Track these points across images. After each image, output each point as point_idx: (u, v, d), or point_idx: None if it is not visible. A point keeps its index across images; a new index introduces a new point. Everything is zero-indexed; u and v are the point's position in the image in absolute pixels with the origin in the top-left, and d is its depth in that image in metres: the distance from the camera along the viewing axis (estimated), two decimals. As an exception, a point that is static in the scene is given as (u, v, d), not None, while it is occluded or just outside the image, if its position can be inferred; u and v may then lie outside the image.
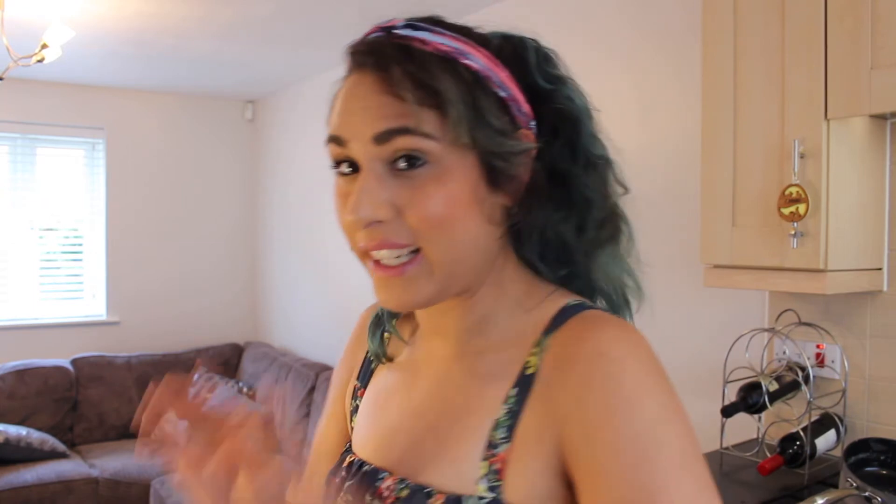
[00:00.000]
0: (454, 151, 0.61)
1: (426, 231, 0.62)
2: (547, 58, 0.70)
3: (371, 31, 0.66)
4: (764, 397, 1.73)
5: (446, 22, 0.67)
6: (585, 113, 0.70)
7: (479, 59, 0.64)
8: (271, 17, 3.21)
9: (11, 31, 3.07)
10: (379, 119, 0.61)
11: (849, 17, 1.45)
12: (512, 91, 0.65)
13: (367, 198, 0.61)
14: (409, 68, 0.61)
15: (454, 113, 0.60)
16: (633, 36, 2.43)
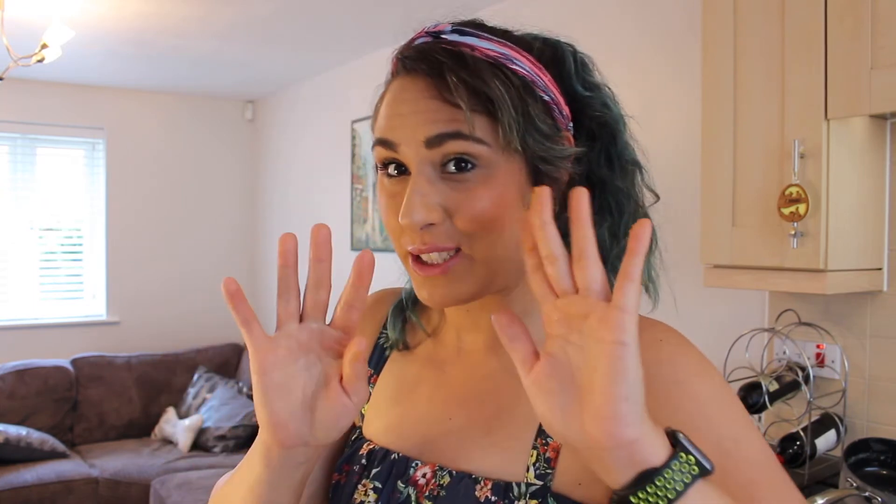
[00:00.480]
0: (503, 155, 0.63)
1: (474, 232, 0.63)
2: (584, 64, 0.71)
3: (418, 35, 0.67)
4: (764, 397, 1.73)
5: (489, 26, 0.68)
6: (621, 120, 0.71)
7: (525, 63, 0.65)
8: (271, 17, 3.21)
9: (11, 31, 3.07)
10: (431, 123, 0.62)
11: (849, 17, 1.45)
12: (555, 95, 0.66)
13: (420, 201, 0.62)
14: (461, 74, 0.62)
15: (506, 118, 0.61)
16: (634, 36, 2.43)
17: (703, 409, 0.61)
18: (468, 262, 0.64)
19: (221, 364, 4.70)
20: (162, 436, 4.24)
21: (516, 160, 0.63)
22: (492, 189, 0.62)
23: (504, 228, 0.63)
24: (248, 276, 5.16)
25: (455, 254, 0.64)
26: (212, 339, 4.92)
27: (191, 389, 4.45)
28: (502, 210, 0.63)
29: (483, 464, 0.65)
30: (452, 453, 0.68)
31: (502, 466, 0.64)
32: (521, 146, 0.63)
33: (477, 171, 0.62)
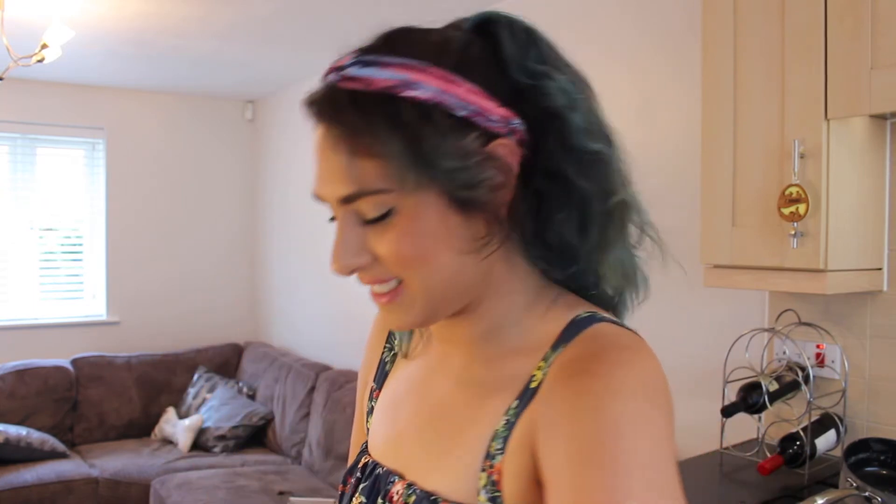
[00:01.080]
0: (413, 193, 0.61)
1: (403, 270, 0.63)
2: (526, 47, 0.66)
3: (328, 70, 0.65)
4: (764, 397, 1.73)
5: (406, 37, 0.64)
6: (572, 106, 0.65)
7: (430, 84, 0.61)
8: (271, 17, 3.21)
9: (11, 31, 3.07)
10: (336, 183, 0.62)
11: (849, 17, 1.45)
12: (476, 104, 0.62)
13: (344, 249, 0.63)
14: (347, 123, 0.60)
15: (394, 164, 0.59)
16: (634, 36, 2.43)
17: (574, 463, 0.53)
18: (411, 291, 0.64)
19: (221, 364, 4.70)
20: (162, 436, 4.24)
21: (431, 193, 0.61)
22: (408, 230, 0.62)
23: (432, 261, 0.63)
24: (248, 276, 5.16)
25: (398, 284, 0.64)
26: (212, 339, 4.92)
27: (191, 389, 4.45)
28: (424, 247, 0.62)
29: (443, 484, 0.66)
30: (421, 471, 0.69)
31: (459, 488, 0.64)
32: (423, 185, 0.60)
33: (393, 213, 0.61)
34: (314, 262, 4.38)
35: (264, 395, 4.31)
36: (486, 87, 0.63)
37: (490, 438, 0.63)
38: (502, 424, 0.63)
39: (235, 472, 3.61)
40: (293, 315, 4.71)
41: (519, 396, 0.64)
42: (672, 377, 0.63)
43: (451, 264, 0.63)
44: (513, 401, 0.64)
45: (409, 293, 0.64)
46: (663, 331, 2.29)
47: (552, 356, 0.64)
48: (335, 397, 3.72)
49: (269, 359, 4.45)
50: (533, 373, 0.64)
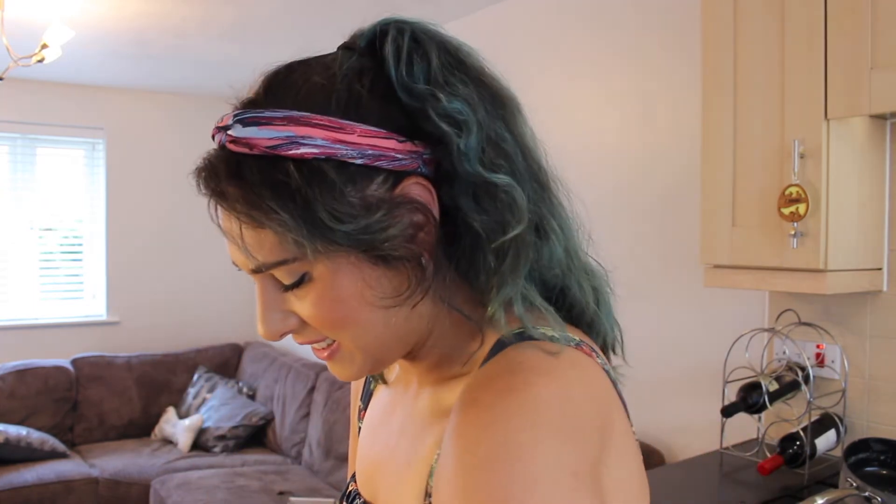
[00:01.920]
0: (321, 259, 0.56)
1: (331, 332, 0.60)
2: (410, 63, 0.58)
3: (214, 130, 0.61)
4: (764, 397, 1.73)
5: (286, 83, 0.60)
6: (460, 130, 0.57)
7: (318, 136, 0.55)
8: (271, 17, 3.21)
9: (11, 31, 3.07)
10: (239, 255, 0.58)
11: (849, 17, 1.45)
12: (373, 147, 0.56)
13: (268, 316, 0.60)
14: (232, 196, 0.55)
15: (288, 235, 0.54)
16: (634, 36, 2.43)
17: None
18: (347, 349, 0.61)
19: (221, 364, 4.70)
20: (162, 436, 4.24)
21: (341, 254, 0.56)
22: (325, 295, 0.57)
23: (357, 322, 0.58)
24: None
25: (333, 341, 0.61)
26: (212, 339, 4.92)
27: (191, 389, 4.45)
28: (345, 310, 0.57)
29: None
30: (384, 501, 0.67)
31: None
32: (326, 249, 0.55)
33: (308, 279, 0.57)
34: (314, 262, 4.37)
35: (264, 395, 4.31)
36: (383, 122, 0.57)
37: (428, 475, 0.59)
38: (435, 458, 0.59)
39: (235, 472, 3.61)
40: (293, 315, 4.70)
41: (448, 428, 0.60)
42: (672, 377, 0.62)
43: (379, 321, 0.59)
44: (443, 433, 0.58)
45: (346, 350, 0.61)
46: (663, 331, 2.29)
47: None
48: (335, 397, 3.72)
49: (269, 359, 4.45)
50: None
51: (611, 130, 2.51)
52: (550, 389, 0.51)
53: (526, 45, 2.78)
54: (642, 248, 2.29)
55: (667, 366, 2.24)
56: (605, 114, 2.53)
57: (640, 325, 0.59)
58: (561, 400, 0.51)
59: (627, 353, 0.69)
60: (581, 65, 2.59)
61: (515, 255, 0.58)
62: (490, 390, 0.52)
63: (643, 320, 2.22)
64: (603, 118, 2.54)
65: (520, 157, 0.60)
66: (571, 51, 2.62)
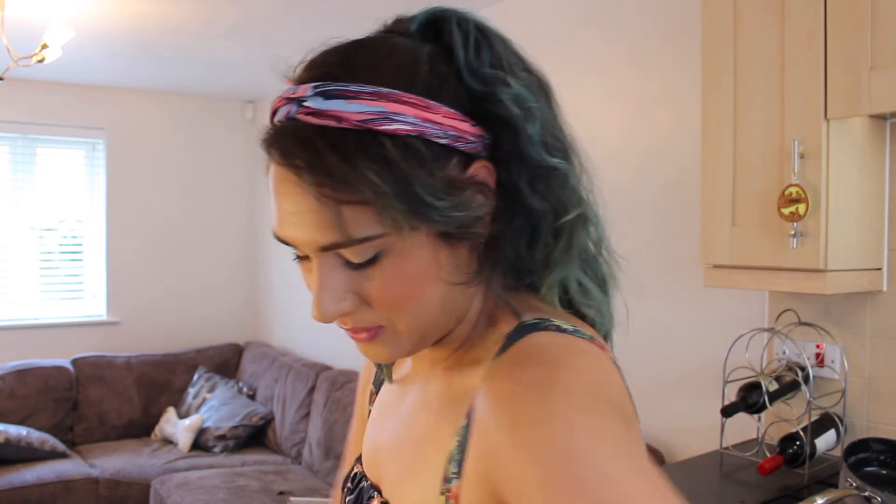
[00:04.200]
0: (401, 234, 0.55)
1: (391, 312, 0.59)
2: (478, 49, 0.60)
3: (278, 102, 0.58)
4: (764, 397, 1.73)
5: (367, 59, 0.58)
6: (527, 115, 0.60)
7: (409, 113, 0.55)
8: (271, 17, 3.21)
9: (11, 31, 3.07)
10: (315, 229, 0.55)
11: (849, 17, 1.45)
12: (454, 129, 0.57)
13: (327, 296, 0.58)
14: (324, 167, 0.53)
15: (386, 209, 0.54)
16: (634, 35, 2.43)
17: None
18: (393, 333, 0.61)
19: (221, 364, 4.71)
20: (162, 436, 4.24)
21: (422, 231, 0.56)
22: (399, 271, 0.57)
23: (422, 299, 0.59)
24: (248, 276, 5.16)
25: (379, 326, 0.60)
26: (212, 339, 4.92)
27: (191, 389, 4.45)
28: (416, 285, 0.58)
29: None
30: (394, 490, 0.67)
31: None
32: (415, 227, 0.55)
33: (381, 256, 0.56)
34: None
35: (264, 395, 4.31)
36: (457, 105, 0.58)
37: (446, 460, 0.60)
38: (455, 446, 0.59)
39: (235, 472, 3.61)
40: (293, 315, 4.71)
41: (467, 413, 0.60)
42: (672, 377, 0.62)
43: (438, 300, 0.60)
44: (462, 418, 0.60)
45: (392, 331, 0.61)
46: (663, 331, 2.29)
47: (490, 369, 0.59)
48: (335, 397, 3.72)
49: (269, 359, 4.45)
50: (480, 385, 0.60)
51: (611, 130, 2.51)
52: (584, 373, 0.54)
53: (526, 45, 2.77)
54: (642, 247, 2.29)
55: (667, 366, 2.24)
56: (606, 114, 2.53)
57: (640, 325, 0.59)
58: (597, 381, 0.54)
59: (627, 353, 0.69)
60: (581, 65, 2.59)
61: (569, 237, 0.62)
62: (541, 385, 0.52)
63: (643, 320, 2.22)
64: (603, 118, 2.54)
65: (570, 145, 0.64)
66: (571, 51, 2.62)
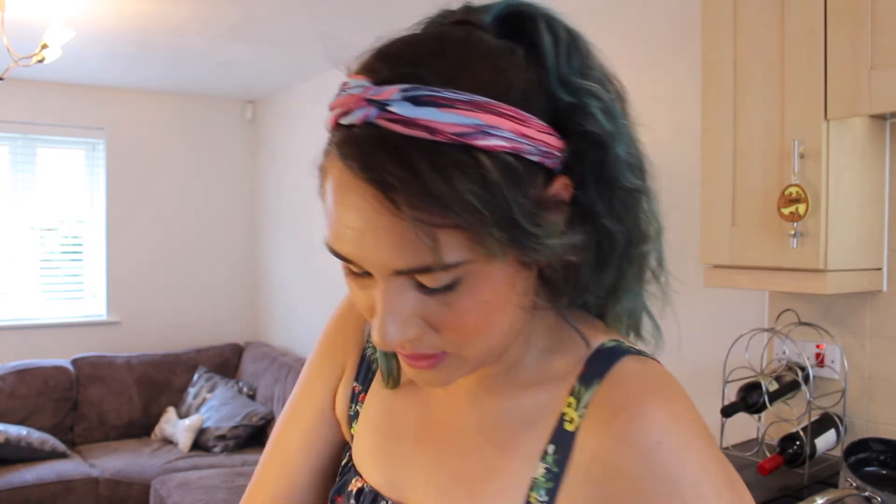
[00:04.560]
0: (487, 259, 0.50)
1: (464, 339, 0.54)
2: (569, 55, 0.55)
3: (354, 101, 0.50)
4: (764, 397, 1.73)
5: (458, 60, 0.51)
6: (616, 134, 0.55)
7: (505, 126, 0.49)
8: (271, 17, 3.21)
9: (11, 31, 3.07)
10: (392, 252, 0.49)
11: (849, 17, 1.45)
12: (545, 144, 0.52)
13: (393, 322, 0.52)
14: (420, 188, 0.47)
15: (483, 235, 0.48)
16: (633, 35, 2.43)
17: None
18: (457, 360, 0.56)
19: (221, 364, 4.71)
20: (162, 436, 4.24)
21: (506, 258, 0.51)
22: (478, 298, 0.52)
23: (494, 326, 0.54)
24: (248, 276, 5.16)
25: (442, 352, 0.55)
26: (212, 339, 4.92)
27: (191, 389, 4.45)
28: (492, 313, 0.53)
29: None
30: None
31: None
32: (511, 250, 0.50)
33: (459, 284, 0.51)
34: (314, 262, 4.38)
35: (264, 395, 4.31)
36: (544, 115, 0.52)
37: (528, 488, 0.57)
38: (542, 473, 0.57)
39: (235, 472, 3.61)
40: (293, 315, 4.71)
41: (552, 440, 0.57)
42: (672, 377, 0.62)
43: (507, 324, 0.55)
44: (545, 444, 0.57)
45: (457, 357, 0.56)
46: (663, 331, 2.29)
47: (585, 395, 0.57)
48: (335, 397, 3.72)
49: (269, 359, 4.45)
50: (563, 410, 0.58)
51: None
52: (688, 400, 0.57)
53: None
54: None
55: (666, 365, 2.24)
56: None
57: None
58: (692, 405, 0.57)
59: None
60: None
61: (642, 264, 0.59)
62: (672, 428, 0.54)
63: (643, 320, 2.21)
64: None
65: (646, 163, 0.59)
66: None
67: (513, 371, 0.62)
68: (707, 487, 0.53)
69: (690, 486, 0.52)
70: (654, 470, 0.52)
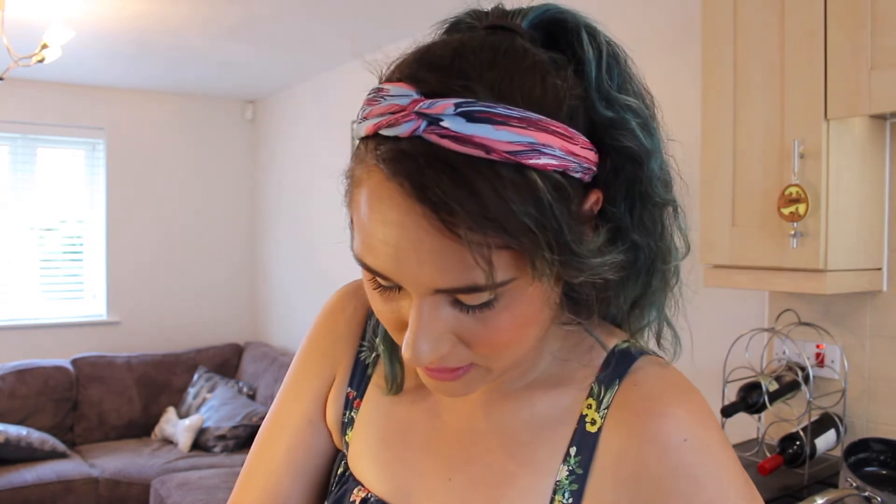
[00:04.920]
0: (532, 280, 0.49)
1: (495, 354, 0.53)
2: (610, 71, 0.54)
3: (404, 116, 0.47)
4: (764, 397, 1.73)
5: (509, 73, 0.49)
6: (653, 150, 0.54)
7: (556, 145, 0.48)
8: (271, 17, 3.21)
9: (11, 31, 3.07)
10: (440, 271, 0.47)
11: (849, 18, 1.45)
12: (587, 161, 0.51)
13: (426, 339, 0.50)
14: (479, 210, 0.45)
15: (537, 257, 0.47)
16: (633, 35, 2.42)
17: None
18: (484, 371, 0.55)
19: (221, 364, 4.71)
20: (162, 436, 4.24)
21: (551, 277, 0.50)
22: (515, 315, 0.51)
23: (524, 342, 0.54)
24: (248, 276, 5.16)
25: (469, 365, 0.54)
26: (212, 339, 4.92)
27: (191, 389, 4.45)
28: (526, 330, 0.53)
29: None
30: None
31: None
32: (557, 275, 0.50)
33: (497, 301, 0.50)
34: (314, 262, 4.38)
35: (264, 395, 4.31)
36: (585, 130, 0.52)
37: (552, 490, 0.57)
38: (566, 475, 0.57)
39: (235, 473, 3.61)
40: (293, 315, 4.71)
41: (574, 441, 0.57)
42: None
43: (537, 336, 0.55)
44: (567, 446, 0.57)
45: (484, 370, 0.55)
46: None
47: (606, 396, 0.58)
48: (335, 397, 3.72)
49: (269, 359, 4.45)
50: (583, 412, 0.58)
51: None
52: (705, 405, 0.58)
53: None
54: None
55: (667, 366, 2.23)
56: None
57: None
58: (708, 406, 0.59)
59: None
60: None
61: (665, 279, 0.59)
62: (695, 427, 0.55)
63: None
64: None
65: (674, 177, 0.58)
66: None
67: (526, 375, 0.62)
68: (729, 487, 0.54)
69: (714, 484, 0.54)
70: (679, 468, 0.54)
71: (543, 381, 0.61)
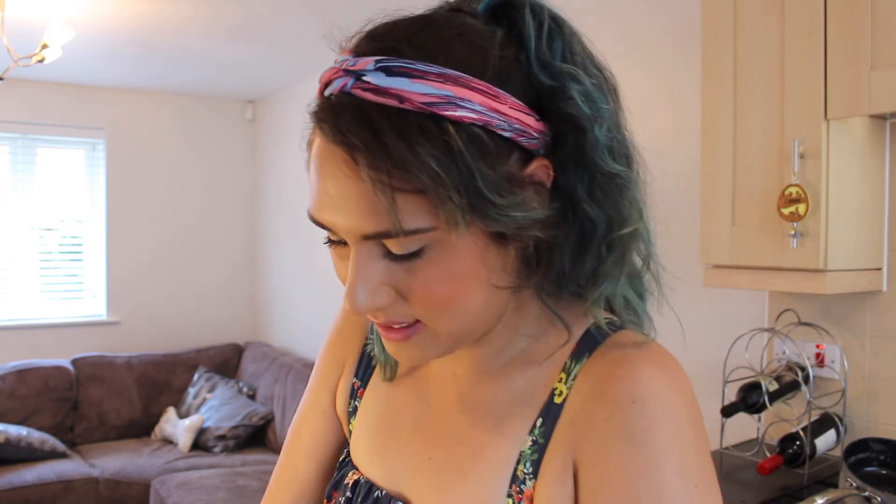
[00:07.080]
0: (453, 230, 0.51)
1: (431, 311, 0.55)
2: (550, 40, 0.56)
3: (334, 72, 0.53)
4: (764, 397, 1.73)
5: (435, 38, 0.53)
6: (596, 116, 0.55)
7: (476, 100, 0.51)
8: (271, 17, 3.21)
9: (11, 31, 3.07)
10: (359, 217, 0.51)
11: (849, 17, 1.45)
12: (519, 122, 0.53)
13: (363, 287, 0.53)
14: (381, 150, 0.49)
15: (445, 201, 0.50)
16: (632, 34, 2.43)
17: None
18: (431, 334, 0.57)
19: (221, 364, 4.71)
20: (162, 436, 4.24)
21: (473, 228, 0.52)
22: (444, 268, 0.53)
23: (465, 301, 0.55)
24: (248, 276, 5.16)
25: (415, 323, 0.56)
26: (212, 339, 4.92)
27: (191, 389, 4.45)
28: (459, 286, 0.54)
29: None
30: (431, 497, 0.62)
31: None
32: (470, 225, 0.51)
33: (426, 250, 0.52)
34: (314, 262, 4.38)
35: (264, 395, 4.31)
36: (523, 96, 0.54)
37: (515, 461, 0.58)
38: (529, 445, 0.58)
39: (235, 472, 3.61)
40: (293, 315, 4.71)
41: (542, 413, 0.59)
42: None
43: (481, 302, 0.56)
44: (535, 418, 0.59)
45: (432, 333, 0.57)
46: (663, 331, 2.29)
47: (574, 368, 0.59)
48: (335, 397, 3.72)
49: (269, 359, 4.45)
50: (554, 385, 0.59)
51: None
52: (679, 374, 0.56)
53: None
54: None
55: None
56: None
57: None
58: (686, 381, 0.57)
59: None
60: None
61: (623, 250, 0.59)
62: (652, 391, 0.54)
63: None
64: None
65: (632, 151, 0.60)
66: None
67: (504, 354, 0.63)
68: (671, 458, 0.52)
69: (654, 452, 0.52)
70: (622, 429, 0.53)
71: (523, 360, 0.63)
